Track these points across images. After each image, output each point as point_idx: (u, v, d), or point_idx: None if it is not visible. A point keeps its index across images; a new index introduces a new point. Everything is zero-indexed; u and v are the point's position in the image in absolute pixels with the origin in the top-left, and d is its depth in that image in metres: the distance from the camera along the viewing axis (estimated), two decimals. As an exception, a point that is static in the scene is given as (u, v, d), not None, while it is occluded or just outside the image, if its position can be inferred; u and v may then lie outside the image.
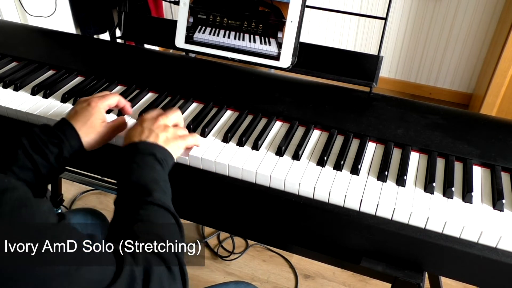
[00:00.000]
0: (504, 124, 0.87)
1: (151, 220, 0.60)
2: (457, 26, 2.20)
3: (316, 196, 0.74)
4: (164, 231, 0.59)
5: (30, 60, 1.05)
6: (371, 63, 0.92)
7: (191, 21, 1.00)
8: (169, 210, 0.64)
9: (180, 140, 0.76)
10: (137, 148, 0.70)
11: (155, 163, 0.69)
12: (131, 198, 0.63)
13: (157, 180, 0.66)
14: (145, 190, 0.64)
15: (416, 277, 0.74)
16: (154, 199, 0.63)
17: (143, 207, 0.61)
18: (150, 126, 0.73)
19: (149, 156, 0.69)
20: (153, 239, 0.56)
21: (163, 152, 0.71)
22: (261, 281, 1.50)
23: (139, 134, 0.72)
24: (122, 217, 0.62)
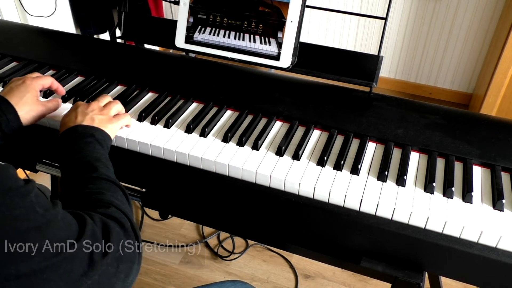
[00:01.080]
0: (504, 124, 0.87)
1: (102, 191, 0.64)
2: (457, 26, 2.20)
3: (316, 196, 0.74)
4: (113, 199, 0.64)
5: (30, 60, 1.05)
6: (371, 63, 0.92)
7: (191, 21, 1.00)
8: (114, 182, 0.68)
9: (115, 121, 0.80)
10: (76, 131, 0.73)
11: (95, 143, 0.73)
12: (78, 175, 0.67)
13: (100, 158, 0.70)
14: (90, 167, 0.68)
15: (416, 277, 0.74)
16: (99, 174, 0.67)
17: (91, 182, 0.66)
18: (84, 110, 0.77)
19: (89, 137, 0.73)
20: (105, 206, 0.62)
21: (101, 133, 0.75)
22: (261, 281, 1.50)
23: (74, 118, 0.76)
24: (73, 193, 0.66)
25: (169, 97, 0.95)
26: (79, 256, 0.50)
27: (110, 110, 0.81)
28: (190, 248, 1.61)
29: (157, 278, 1.51)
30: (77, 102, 0.81)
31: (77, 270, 0.50)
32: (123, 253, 0.56)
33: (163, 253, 1.59)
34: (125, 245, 0.57)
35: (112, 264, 0.54)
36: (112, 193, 0.65)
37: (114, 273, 0.54)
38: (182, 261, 1.57)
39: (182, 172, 0.81)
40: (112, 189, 0.66)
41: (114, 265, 0.54)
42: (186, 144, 0.82)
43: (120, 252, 0.55)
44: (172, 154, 0.82)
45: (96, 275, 0.51)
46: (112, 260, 0.54)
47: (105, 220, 0.57)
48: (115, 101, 0.84)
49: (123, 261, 0.56)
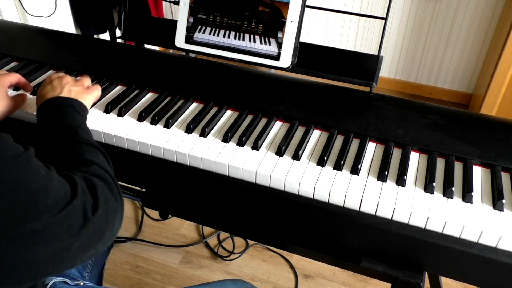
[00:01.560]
0: (504, 124, 0.87)
1: (84, 152, 0.68)
2: (457, 26, 2.20)
3: (316, 196, 0.74)
4: (94, 158, 0.67)
5: (30, 60, 1.05)
6: (371, 63, 0.92)
7: (191, 21, 1.00)
8: (94, 145, 0.71)
9: (90, 92, 0.84)
10: (55, 102, 0.76)
11: (75, 112, 0.76)
12: (60, 140, 0.70)
13: (80, 125, 0.74)
14: (71, 132, 0.71)
15: (416, 277, 0.74)
16: (80, 138, 0.70)
17: (72, 145, 0.69)
18: (60, 83, 0.80)
19: (68, 107, 0.76)
20: (87, 164, 0.65)
21: (79, 104, 0.78)
22: (261, 281, 1.50)
23: (52, 91, 0.78)
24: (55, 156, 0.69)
25: (169, 97, 0.95)
26: (77, 211, 0.55)
27: (84, 82, 0.85)
28: (190, 248, 1.61)
29: (157, 278, 1.51)
30: (50, 75, 0.84)
31: (77, 224, 0.54)
32: (109, 205, 0.61)
33: (163, 253, 1.59)
34: (110, 198, 0.61)
35: (102, 215, 0.58)
36: (93, 154, 0.68)
37: (105, 223, 0.58)
38: (182, 261, 1.57)
39: (182, 172, 0.81)
40: (92, 151, 0.69)
41: (104, 217, 0.58)
42: (186, 144, 0.82)
43: (107, 204, 0.60)
44: (172, 154, 0.82)
45: (91, 227, 0.56)
46: (102, 212, 0.58)
47: (88, 176, 0.61)
48: (84, 74, 0.89)
49: (110, 211, 0.60)
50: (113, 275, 1.51)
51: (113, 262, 1.55)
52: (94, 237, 0.57)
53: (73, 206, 0.54)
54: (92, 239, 0.56)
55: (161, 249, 1.60)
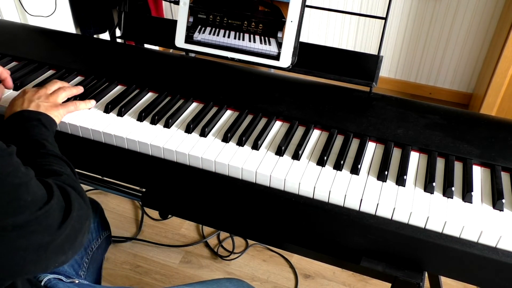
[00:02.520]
0: (504, 124, 0.87)
1: (51, 164, 0.68)
2: (457, 26, 2.20)
3: (316, 195, 0.74)
4: (63, 170, 0.68)
5: (30, 60, 1.05)
6: (371, 63, 0.92)
7: (191, 21, 1.00)
8: (62, 158, 0.72)
9: (61, 108, 0.83)
10: (22, 115, 0.76)
11: (41, 126, 0.76)
12: (27, 153, 0.70)
13: (46, 138, 0.74)
14: (38, 145, 0.71)
15: (416, 277, 0.74)
16: (47, 150, 0.71)
17: (39, 157, 0.69)
18: (31, 97, 0.81)
19: (34, 121, 0.76)
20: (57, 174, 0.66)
21: (47, 118, 0.78)
22: (261, 281, 1.50)
23: (21, 104, 0.79)
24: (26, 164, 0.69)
25: (169, 97, 0.95)
26: (54, 211, 0.56)
27: (58, 97, 0.84)
28: (190, 248, 1.61)
29: (157, 278, 1.51)
30: (24, 89, 0.84)
31: (54, 224, 0.56)
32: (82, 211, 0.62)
33: (163, 253, 1.59)
34: (82, 205, 0.63)
35: (76, 220, 0.59)
36: (61, 166, 0.69)
37: (79, 228, 0.60)
38: (182, 261, 1.57)
39: (182, 172, 0.81)
40: (60, 163, 0.70)
41: (78, 221, 0.60)
42: (186, 144, 0.82)
43: (81, 210, 0.61)
44: (172, 154, 0.82)
45: (67, 229, 0.57)
46: (77, 217, 0.59)
47: (61, 184, 0.62)
48: (64, 87, 0.88)
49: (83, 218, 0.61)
50: (113, 275, 1.51)
51: (113, 262, 1.55)
52: (68, 241, 0.58)
53: (51, 206, 0.55)
54: (67, 242, 0.57)
55: (161, 249, 1.61)
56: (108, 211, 1.73)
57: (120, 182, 1.49)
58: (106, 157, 0.88)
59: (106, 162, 0.90)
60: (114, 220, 1.71)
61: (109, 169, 0.93)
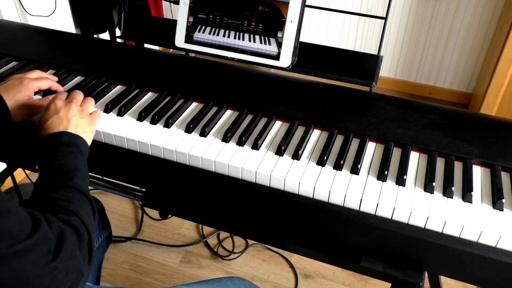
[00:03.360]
0: (504, 123, 0.87)
1: (71, 200, 0.65)
2: (457, 26, 2.20)
3: (316, 195, 0.74)
4: (79, 209, 0.64)
5: (30, 60, 1.05)
6: (371, 63, 0.92)
7: (191, 21, 1.00)
8: (86, 195, 0.68)
9: (94, 122, 0.82)
10: (61, 138, 0.73)
11: (78, 153, 0.73)
12: (53, 181, 0.67)
13: (79, 168, 0.71)
14: (66, 175, 0.68)
15: (416, 276, 0.74)
16: (74, 184, 0.67)
17: (62, 189, 0.66)
18: (67, 114, 0.77)
19: (73, 147, 0.73)
20: (68, 214, 0.62)
21: (84, 144, 0.76)
22: (261, 280, 1.50)
23: (58, 124, 0.75)
24: (42, 195, 0.66)
25: (169, 96, 0.95)
26: (30, 253, 0.51)
27: (88, 110, 0.82)
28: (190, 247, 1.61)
29: (157, 277, 1.51)
30: (55, 102, 0.79)
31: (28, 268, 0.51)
32: (74, 263, 0.56)
33: (163, 252, 1.59)
34: (77, 256, 0.57)
35: (61, 270, 0.54)
36: (79, 204, 0.65)
37: (62, 279, 0.54)
38: (182, 261, 1.57)
39: (182, 172, 0.81)
40: (81, 200, 0.66)
41: (63, 273, 0.54)
42: (186, 144, 0.82)
43: (71, 261, 0.56)
44: (172, 154, 0.82)
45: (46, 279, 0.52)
46: (62, 267, 0.54)
47: (63, 226, 0.57)
48: (87, 98, 0.85)
49: (72, 270, 0.56)
50: (113, 274, 1.51)
51: (113, 262, 1.55)
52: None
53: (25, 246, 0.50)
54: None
55: (161, 248, 1.61)
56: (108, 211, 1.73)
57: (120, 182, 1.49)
58: (106, 157, 0.88)
59: (106, 162, 0.90)
60: (114, 220, 1.72)
61: (109, 169, 0.93)
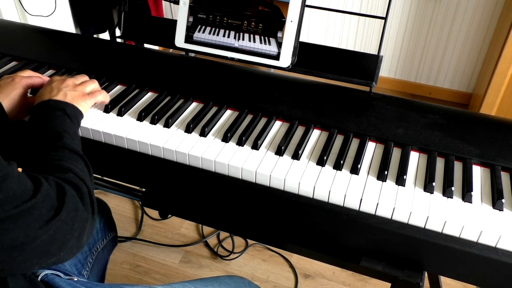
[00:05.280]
0: (504, 123, 0.87)
1: (64, 159, 0.66)
2: (457, 26, 2.20)
3: (316, 195, 0.74)
4: (73, 166, 0.66)
5: (30, 60, 1.05)
6: (371, 63, 0.92)
7: (191, 21, 1.00)
8: (77, 152, 0.70)
9: (88, 98, 0.82)
10: (48, 104, 0.75)
11: (65, 117, 0.75)
12: (43, 143, 0.69)
13: (67, 130, 0.72)
14: (56, 137, 0.70)
15: (416, 276, 0.74)
16: (64, 144, 0.69)
17: (53, 150, 0.68)
18: (59, 85, 0.79)
19: (59, 111, 0.75)
20: (63, 171, 0.64)
21: (73, 108, 0.77)
22: (261, 280, 1.50)
23: (48, 93, 0.78)
24: (35, 158, 0.68)
25: (169, 96, 0.95)
26: (35, 211, 0.54)
27: (85, 88, 0.83)
28: (190, 247, 1.61)
29: (157, 277, 1.51)
30: (53, 77, 0.83)
31: (34, 224, 0.53)
32: (78, 213, 0.59)
33: (162, 252, 1.59)
34: (79, 206, 0.60)
35: (66, 221, 0.57)
36: (72, 161, 0.67)
37: (68, 230, 0.57)
38: (182, 261, 1.57)
39: (182, 172, 0.81)
40: (73, 158, 0.68)
41: (69, 223, 0.57)
42: (186, 144, 0.82)
43: (74, 212, 0.59)
44: (172, 154, 0.82)
45: (51, 229, 0.55)
46: (67, 218, 0.57)
47: (60, 183, 0.60)
48: (91, 80, 0.87)
49: (77, 220, 0.59)
50: (113, 274, 1.51)
51: (113, 262, 1.55)
52: (54, 243, 0.55)
53: (31, 205, 0.53)
54: (52, 244, 0.55)
55: (160, 248, 1.61)
56: (108, 211, 1.73)
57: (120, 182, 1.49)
58: (106, 157, 0.88)
59: (106, 161, 0.90)
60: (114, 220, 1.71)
61: (109, 169, 0.93)
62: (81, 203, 0.61)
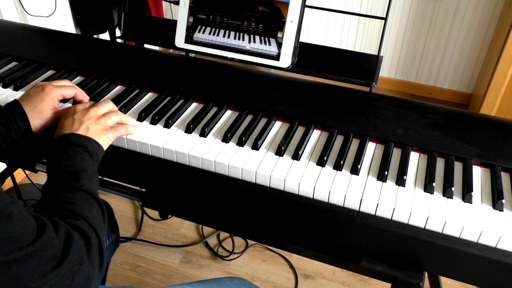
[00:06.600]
0: (504, 124, 0.87)
1: (77, 203, 0.63)
2: (457, 26, 2.20)
3: (316, 196, 0.74)
4: (87, 212, 0.62)
5: (30, 60, 1.05)
6: (371, 63, 0.92)
7: (191, 21, 1.00)
8: (93, 196, 0.66)
9: (111, 132, 0.78)
10: (69, 139, 0.72)
11: (86, 154, 0.71)
12: (59, 183, 0.66)
13: (86, 169, 0.69)
14: (73, 177, 0.66)
15: (416, 277, 0.74)
16: (80, 185, 0.65)
17: (69, 191, 0.64)
18: (81, 117, 0.75)
19: (80, 147, 0.71)
20: (75, 217, 0.60)
21: (94, 144, 0.73)
22: (261, 281, 1.50)
23: (70, 125, 0.74)
24: (49, 199, 0.64)
25: (169, 97, 0.95)
26: (32, 260, 0.49)
27: (108, 120, 0.79)
28: (190, 248, 1.61)
29: (157, 278, 1.51)
30: (76, 106, 0.79)
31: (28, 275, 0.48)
32: (81, 268, 0.54)
33: (163, 253, 1.59)
34: (85, 261, 0.55)
35: (66, 276, 0.52)
36: (87, 206, 0.63)
37: (67, 285, 0.52)
38: (182, 261, 1.57)
39: (182, 172, 0.81)
40: (88, 202, 0.64)
41: (69, 278, 0.52)
42: (186, 144, 0.82)
43: (78, 266, 0.54)
44: (172, 154, 0.82)
45: (47, 284, 0.50)
46: (67, 273, 0.52)
47: (70, 231, 0.56)
48: (116, 111, 0.82)
49: (79, 275, 0.54)
50: (113, 275, 1.51)
51: (113, 262, 1.55)
52: None
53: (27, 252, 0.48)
54: None
55: (161, 249, 1.61)
56: (108, 211, 1.73)
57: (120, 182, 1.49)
58: (106, 157, 0.88)
59: (106, 162, 0.90)
60: (114, 220, 1.71)
61: (109, 169, 0.93)
62: (87, 256, 0.56)
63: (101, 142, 0.75)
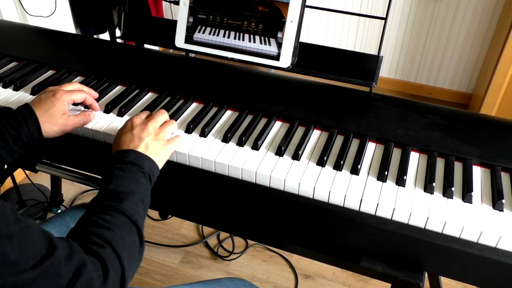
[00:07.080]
0: (504, 124, 0.87)
1: (111, 227, 0.58)
2: (457, 26, 2.20)
3: (316, 196, 0.74)
4: (119, 240, 0.57)
5: (30, 60, 1.05)
6: (371, 63, 0.92)
7: (191, 21, 1.00)
8: (135, 223, 0.62)
9: (168, 148, 0.76)
10: (127, 156, 0.69)
11: (141, 175, 0.68)
12: (103, 201, 0.63)
13: (136, 191, 0.65)
14: (118, 198, 0.63)
15: (416, 277, 0.74)
16: (122, 208, 0.62)
17: (109, 213, 0.60)
18: (140, 133, 0.73)
19: (137, 167, 0.69)
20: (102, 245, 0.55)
21: (152, 165, 0.71)
22: (261, 281, 1.50)
23: (129, 142, 0.72)
24: (86, 217, 0.61)
25: (169, 97, 0.95)
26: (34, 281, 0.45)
27: (165, 133, 0.77)
28: (190, 248, 1.61)
29: (157, 278, 1.51)
30: (133, 119, 0.76)
31: None
32: None
33: (163, 253, 1.59)
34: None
35: None
36: (121, 233, 0.59)
37: None
38: (182, 261, 1.57)
39: (182, 172, 0.81)
40: (125, 229, 0.60)
41: None
42: (186, 144, 0.82)
43: None
44: (172, 154, 0.81)
45: None
46: None
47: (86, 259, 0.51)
48: (170, 121, 0.81)
49: None
50: (113, 275, 1.51)
51: (113, 262, 1.55)
52: None
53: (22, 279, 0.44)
54: None
55: (161, 249, 1.60)
56: (108, 211, 1.73)
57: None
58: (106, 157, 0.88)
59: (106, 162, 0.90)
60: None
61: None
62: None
63: (158, 160, 0.73)
